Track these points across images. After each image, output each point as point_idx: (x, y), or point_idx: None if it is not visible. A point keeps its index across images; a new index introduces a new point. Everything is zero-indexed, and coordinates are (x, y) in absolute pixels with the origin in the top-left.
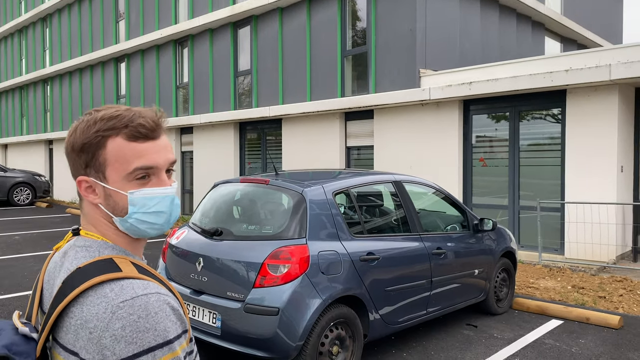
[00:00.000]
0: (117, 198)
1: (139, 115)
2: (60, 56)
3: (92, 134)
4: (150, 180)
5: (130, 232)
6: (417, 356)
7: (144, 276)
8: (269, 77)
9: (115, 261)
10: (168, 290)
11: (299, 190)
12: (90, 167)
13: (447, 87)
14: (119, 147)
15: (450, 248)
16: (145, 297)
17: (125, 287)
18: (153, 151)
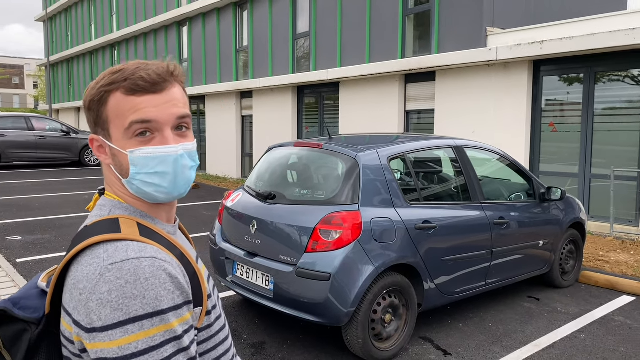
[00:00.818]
0: (120, 158)
1: (143, 68)
2: (126, 21)
3: (96, 90)
4: (154, 138)
5: (141, 196)
6: (474, 327)
7: (145, 239)
8: (327, 40)
9: (120, 221)
10: (177, 257)
11: (352, 155)
12: (97, 125)
13: (516, 47)
14: (117, 102)
15: (514, 218)
16: (137, 260)
17: (119, 249)
18: (152, 104)
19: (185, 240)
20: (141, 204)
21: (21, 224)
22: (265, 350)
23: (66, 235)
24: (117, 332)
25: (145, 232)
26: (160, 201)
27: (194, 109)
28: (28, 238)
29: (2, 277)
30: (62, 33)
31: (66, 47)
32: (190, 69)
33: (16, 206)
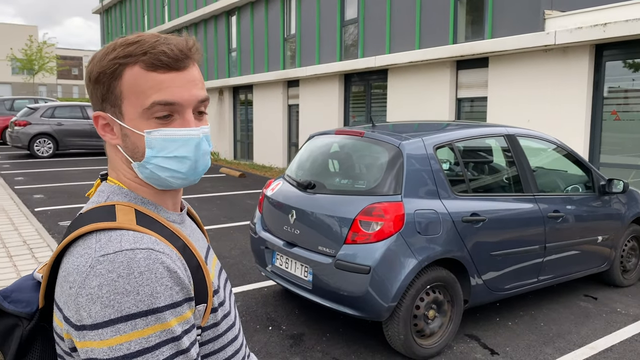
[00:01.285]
0: (134, 138)
1: (163, 42)
2: (177, 11)
3: (108, 61)
4: (174, 120)
5: (151, 182)
6: (524, 326)
7: (143, 228)
8: (375, 26)
9: (116, 208)
10: (178, 249)
11: (395, 144)
12: (106, 101)
13: (576, 30)
14: (135, 78)
15: (570, 211)
16: (132, 252)
17: (112, 239)
18: (176, 84)
19: (195, 229)
20: (146, 189)
21: (74, 210)
22: (304, 342)
23: None
24: (107, 331)
25: (144, 221)
26: (173, 187)
27: (241, 99)
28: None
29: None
30: (117, 24)
31: None
32: (238, 58)
33: (69, 192)
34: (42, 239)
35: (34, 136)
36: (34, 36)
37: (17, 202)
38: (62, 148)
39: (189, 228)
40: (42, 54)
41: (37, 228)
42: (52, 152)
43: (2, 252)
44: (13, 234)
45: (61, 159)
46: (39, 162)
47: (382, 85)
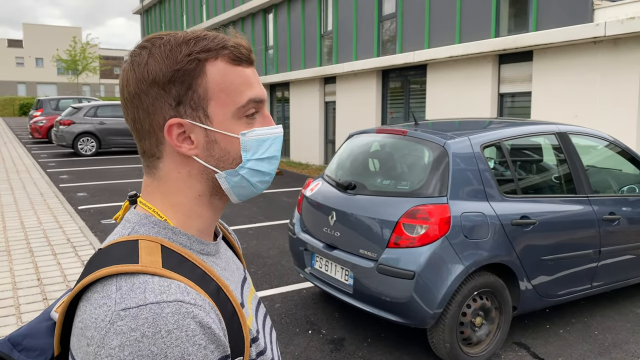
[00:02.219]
0: (225, 144)
1: (236, 37)
2: (215, 10)
3: (183, 57)
4: (255, 119)
5: (235, 191)
6: (576, 335)
7: (170, 272)
8: (414, 20)
9: (140, 246)
10: (211, 295)
11: (440, 143)
12: (184, 104)
13: (628, 21)
14: (223, 73)
15: (626, 213)
16: (158, 306)
17: (134, 288)
18: (257, 80)
19: (230, 258)
20: (204, 212)
21: (116, 208)
22: (345, 347)
23: None
24: None
25: (171, 261)
26: (252, 195)
27: (278, 96)
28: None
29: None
30: (157, 24)
31: None
32: (275, 56)
33: (111, 190)
34: (85, 237)
35: (78, 135)
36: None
37: (62, 200)
38: (105, 146)
39: (223, 258)
40: (86, 54)
41: (81, 226)
42: (95, 150)
43: (47, 250)
44: (57, 232)
45: (103, 157)
46: (83, 160)
47: (421, 81)
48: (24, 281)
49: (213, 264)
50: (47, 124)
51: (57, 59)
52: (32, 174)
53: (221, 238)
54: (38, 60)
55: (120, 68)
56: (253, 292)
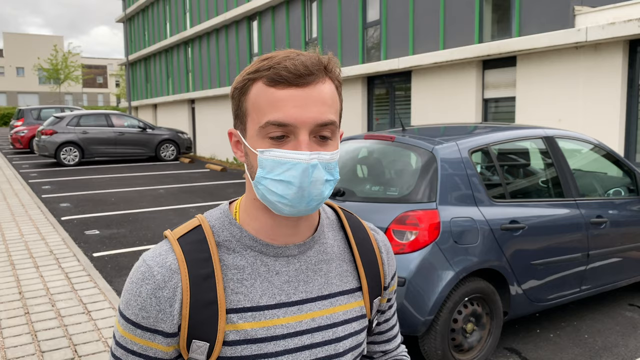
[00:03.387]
0: (252, 157)
1: (291, 58)
2: (199, 17)
3: (242, 77)
4: (289, 141)
5: (266, 204)
6: (566, 339)
7: (176, 243)
8: (398, 27)
9: (192, 220)
10: (195, 276)
11: (428, 148)
12: (236, 117)
13: (608, 26)
14: (257, 93)
15: (613, 216)
16: (142, 262)
17: (157, 246)
18: (293, 103)
19: (316, 269)
20: (262, 220)
21: (99, 218)
22: None
23: (141, 230)
24: (117, 317)
25: (192, 236)
26: (284, 214)
27: None
28: (105, 232)
29: (79, 271)
30: (140, 32)
31: (143, 46)
32: None
33: (94, 200)
34: (68, 248)
35: (60, 145)
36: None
37: (44, 211)
38: (88, 156)
39: (294, 264)
40: (67, 63)
41: (64, 237)
42: (78, 160)
43: (29, 262)
44: (40, 244)
45: (87, 167)
46: (65, 170)
47: (406, 87)
48: (5, 295)
49: (260, 263)
50: (29, 134)
51: (38, 68)
52: (13, 185)
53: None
54: (19, 70)
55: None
56: (330, 312)
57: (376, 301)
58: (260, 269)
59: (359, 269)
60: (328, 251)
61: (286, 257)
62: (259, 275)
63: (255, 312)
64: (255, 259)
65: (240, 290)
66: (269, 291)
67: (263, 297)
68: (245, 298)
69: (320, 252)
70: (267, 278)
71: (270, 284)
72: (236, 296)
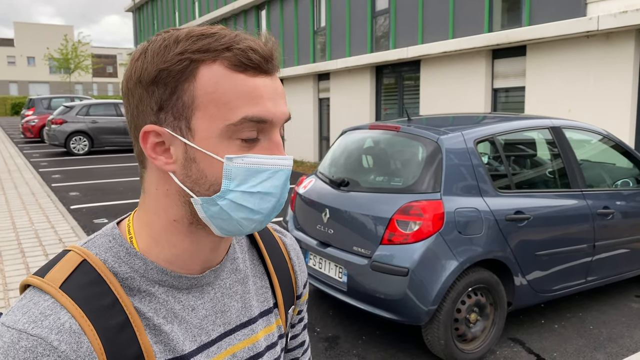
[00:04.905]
0: (204, 165)
1: (248, 37)
2: (207, 7)
3: (173, 56)
4: (258, 143)
5: (213, 222)
6: (571, 329)
7: (62, 295)
8: (407, 16)
9: (65, 257)
10: (106, 329)
11: (433, 138)
12: (165, 110)
13: (621, 14)
14: (217, 80)
15: (620, 207)
16: (18, 334)
17: (23, 304)
18: (268, 94)
19: (232, 294)
20: (180, 239)
21: (108, 207)
22: (340, 345)
23: None
24: None
25: (79, 279)
26: (238, 233)
27: None
28: (112, 221)
29: None
30: (149, 22)
31: (152, 35)
32: None
33: (103, 189)
34: (77, 237)
35: (70, 134)
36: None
37: (54, 200)
38: (97, 145)
39: (210, 293)
40: (77, 52)
41: (73, 226)
42: (88, 149)
43: (39, 250)
44: (49, 232)
45: (96, 156)
46: (75, 159)
47: (415, 76)
48: (15, 282)
49: (173, 300)
50: (39, 123)
51: (49, 57)
52: (23, 174)
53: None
54: (30, 59)
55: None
56: (252, 341)
57: (290, 312)
58: (175, 308)
59: (274, 282)
60: (241, 268)
61: (200, 287)
62: (175, 316)
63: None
64: (167, 295)
65: (160, 339)
66: (189, 334)
67: (185, 342)
68: (166, 348)
69: (233, 271)
70: (184, 318)
71: (189, 325)
72: (157, 346)
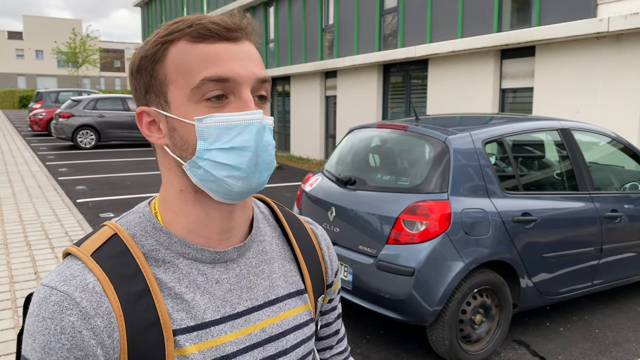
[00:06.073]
0: (182, 131)
1: (209, 16)
2: (216, 2)
3: (150, 45)
4: (229, 103)
5: (207, 186)
6: (577, 333)
7: (92, 263)
8: (416, 14)
9: (99, 230)
10: (128, 296)
11: (441, 138)
12: (149, 91)
13: (632, 16)
14: (181, 53)
15: (628, 211)
16: (50, 290)
17: (61, 268)
18: (230, 57)
19: (260, 271)
20: (192, 209)
21: (114, 202)
22: None
23: None
24: None
25: (108, 250)
26: (235, 191)
27: (279, 90)
28: (119, 215)
29: None
30: (157, 16)
31: None
32: (276, 49)
33: (109, 184)
34: (83, 230)
35: (77, 128)
36: (77, 29)
37: (60, 193)
38: (104, 139)
39: (234, 269)
40: (85, 47)
41: (79, 220)
42: (95, 143)
43: (45, 243)
44: (55, 225)
45: (103, 150)
46: (82, 153)
47: (422, 75)
48: (21, 275)
49: (197, 272)
50: (47, 116)
51: (57, 51)
52: (31, 167)
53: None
54: (38, 53)
55: None
56: (279, 318)
57: (320, 300)
58: (198, 279)
59: (302, 267)
60: (267, 250)
61: (224, 263)
62: (198, 286)
63: (201, 331)
64: (191, 267)
65: (181, 307)
66: (212, 304)
67: (207, 311)
68: (188, 315)
69: (260, 252)
70: (207, 289)
71: (212, 296)
72: (178, 314)
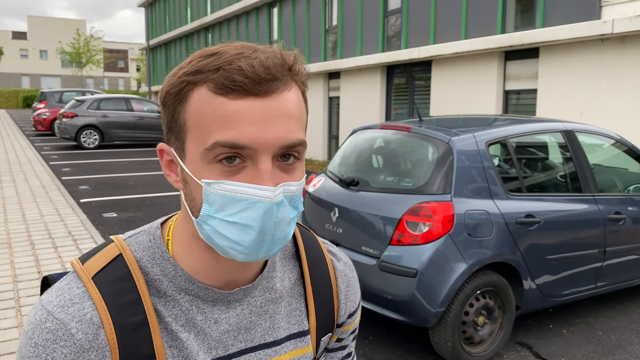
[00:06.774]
0: (192, 187)
1: (249, 55)
2: (219, 3)
3: (176, 79)
4: (245, 167)
5: (212, 245)
6: (580, 335)
7: (91, 285)
8: (419, 15)
9: (106, 247)
10: (124, 326)
11: (445, 140)
12: (171, 131)
13: (636, 18)
14: (200, 103)
15: (632, 213)
16: (47, 315)
17: (59, 286)
18: (251, 118)
19: (261, 313)
20: (202, 259)
21: (117, 202)
22: None
23: (158, 214)
24: None
25: (111, 273)
26: (240, 260)
27: None
28: (122, 215)
29: None
30: (161, 17)
31: (164, 31)
32: None
33: (113, 184)
34: (86, 230)
35: (81, 128)
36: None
37: (64, 193)
38: (108, 140)
39: (236, 312)
40: (89, 47)
41: (82, 219)
42: (98, 143)
43: (48, 242)
44: (59, 225)
45: (106, 150)
46: (85, 153)
47: (426, 77)
48: (24, 274)
49: (196, 310)
50: (51, 116)
51: (61, 51)
52: (34, 167)
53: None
54: (42, 53)
55: None
56: None
57: (325, 339)
58: (197, 318)
59: (309, 306)
60: (277, 287)
61: (227, 302)
62: (194, 326)
63: None
64: (191, 304)
65: (174, 344)
66: (204, 345)
67: (199, 353)
68: (180, 354)
69: (268, 290)
70: (204, 329)
71: (207, 336)
72: (171, 350)
